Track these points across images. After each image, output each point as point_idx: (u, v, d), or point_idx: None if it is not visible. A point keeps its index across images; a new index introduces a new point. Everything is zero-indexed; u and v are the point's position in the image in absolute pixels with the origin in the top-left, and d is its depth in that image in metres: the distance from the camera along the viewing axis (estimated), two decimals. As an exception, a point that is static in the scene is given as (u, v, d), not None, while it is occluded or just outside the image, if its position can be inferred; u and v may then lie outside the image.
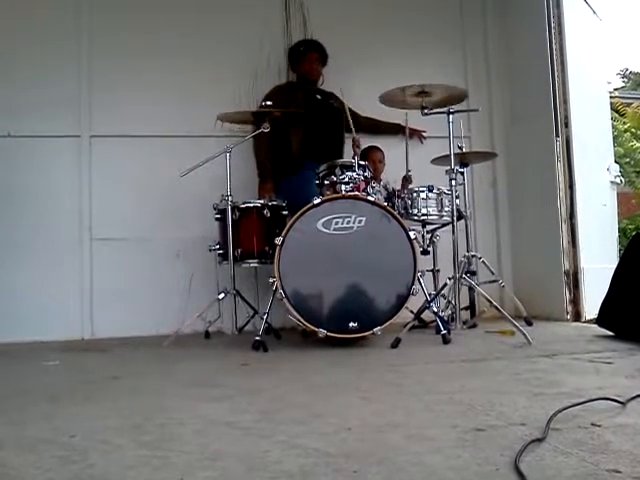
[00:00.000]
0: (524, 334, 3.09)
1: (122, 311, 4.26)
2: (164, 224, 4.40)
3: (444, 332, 3.20)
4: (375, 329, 3.13)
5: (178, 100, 4.50)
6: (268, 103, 3.78)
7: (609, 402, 1.77)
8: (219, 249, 3.78)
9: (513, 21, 4.89)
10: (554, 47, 4.36)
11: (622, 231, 6.99)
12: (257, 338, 3.22)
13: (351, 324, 3.16)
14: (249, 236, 3.74)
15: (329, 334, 3.13)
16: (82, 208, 4.36)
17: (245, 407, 1.99)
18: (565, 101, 4.34)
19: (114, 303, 4.28)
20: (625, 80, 19.47)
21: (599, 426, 1.57)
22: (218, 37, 4.59)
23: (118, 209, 4.39)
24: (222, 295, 3.70)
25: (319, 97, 4.44)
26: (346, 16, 4.80)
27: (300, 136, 4.22)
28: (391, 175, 4.32)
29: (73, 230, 4.34)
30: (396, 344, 3.13)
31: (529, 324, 3.86)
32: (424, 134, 4.77)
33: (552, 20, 4.38)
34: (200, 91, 4.50)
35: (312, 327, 3.16)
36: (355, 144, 4.14)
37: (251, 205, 3.80)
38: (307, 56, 4.46)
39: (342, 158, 4.21)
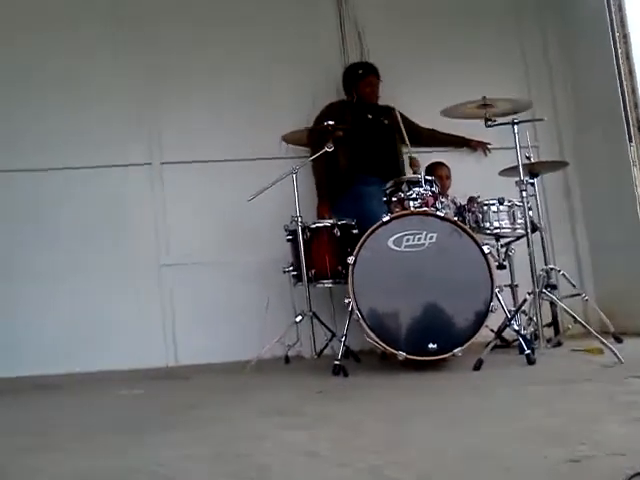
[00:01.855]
0: (614, 352, 2.94)
1: (203, 336, 4.31)
2: (237, 247, 4.44)
3: (528, 352, 3.07)
4: (455, 350, 3.06)
5: (243, 124, 4.58)
6: (330, 123, 3.78)
7: None
8: (293, 270, 3.79)
9: (574, 27, 4.78)
10: (619, 52, 4.25)
11: None
12: (336, 362, 3.19)
13: (430, 345, 3.09)
14: (321, 256, 3.73)
15: (408, 357, 3.07)
16: (158, 234, 4.47)
17: (326, 435, 1.96)
18: (636, 105, 4.21)
19: (195, 329, 4.34)
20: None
21: None
22: (276, 61, 4.66)
23: (192, 234, 4.47)
24: (299, 318, 3.70)
25: (370, 116, 4.42)
26: (402, 31, 4.80)
27: (348, 154, 4.21)
28: (458, 190, 4.24)
29: (150, 257, 4.44)
30: (479, 366, 3.03)
31: (618, 341, 3.64)
32: (489, 146, 4.68)
33: (615, 24, 4.27)
34: (263, 114, 4.57)
35: (391, 350, 3.11)
36: (413, 164, 4.09)
37: (321, 225, 3.80)
38: (366, 80, 4.45)
39: (400, 173, 4.20)
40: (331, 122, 3.78)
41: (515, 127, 3.46)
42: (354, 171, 4.24)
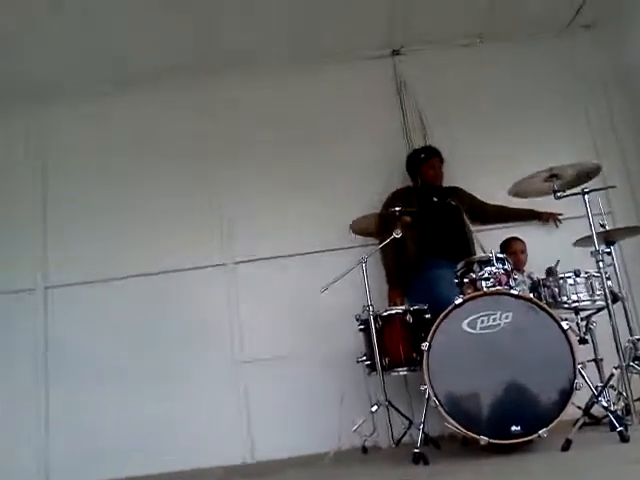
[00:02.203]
0: None
1: (280, 431, 4.31)
2: (310, 341, 4.46)
3: (620, 429, 2.90)
4: (540, 431, 2.92)
5: (309, 217, 4.70)
6: (397, 208, 3.82)
7: None
8: (366, 360, 3.77)
9: (638, 93, 4.71)
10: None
11: None
12: (416, 451, 3.10)
13: (513, 428, 2.96)
14: (395, 344, 3.69)
15: (491, 441, 2.95)
16: (232, 332, 4.57)
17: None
18: None
19: (271, 424, 4.35)
20: None
21: None
22: (342, 152, 4.81)
23: (265, 329, 4.54)
24: (375, 407, 3.63)
25: (436, 199, 4.46)
26: (462, 112, 4.88)
27: (416, 238, 4.22)
28: (533, 264, 4.17)
29: (225, 355, 4.52)
30: (567, 446, 2.88)
31: None
32: (559, 216, 4.61)
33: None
34: (331, 207, 4.68)
35: (472, 434, 3.00)
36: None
37: (393, 312, 3.77)
38: (429, 163, 4.53)
39: (470, 253, 4.17)
40: (398, 208, 3.82)
41: (586, 196, 3.42)
42: (423, 255, 4.24)
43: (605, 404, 3.11)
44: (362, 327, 3.81)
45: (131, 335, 4.57)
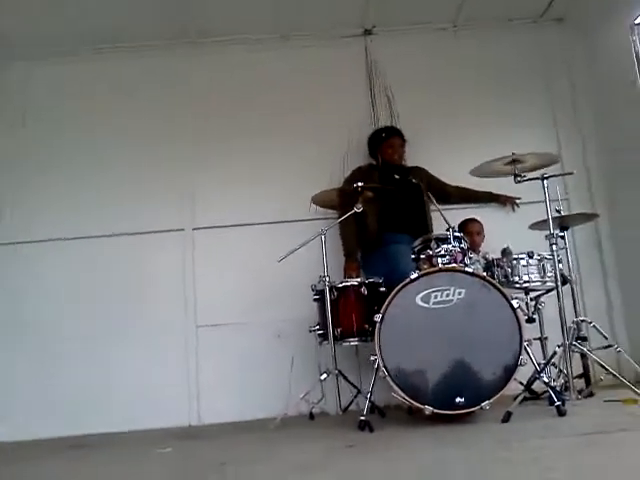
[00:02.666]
0: (648, 402, 2.88)
1: (227, 396, 4.36)
2: (264, 308, 4.50)
3: (558, 403, 3.01)
4: (483, 404, 3.02)
5: (271, 188, 4.71)
6: (360, 184, 3.84)
7: None
8: (319, 329, 3.81)
9: (602, 81, 4.79)
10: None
11: None
12: (362, 418, 3.16)
13: (458, 399, 3.05)
14: (348, 315, 3.74)
15: (435, 411, 3.04)
16: (186, 297, 4.58)
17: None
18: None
19: (219, 388, 4.38)
20: None
21: None
22: (308, 125, 4.80)
23: (220, 296, 4.55)
24: (324, 376, 3.68)
25: (397, 176, 4.50)
26: (431, 95, 4.91)
27: (376, 213, 4.27)
28: (489, 245, 4.27)
29: (178, 319, 4.54)
30: (507, 418, 2.98)
31: (653, 390, 3.58)
32: (518, 200, 4.70)
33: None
34: (293, 178, 4.70)
35: (417, 405, 3.08)
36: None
37: (348, 284, 3.82)
38: (389, 141, 4.57)
39: (429, 231, 4.22)
40: (360, 183, 3.85)
41: (545, 181, 3.50)
42: (383, 230, 4.30)
43: (546, 380, 3.21)
44: (317, 297, 3.84)
45: (85, 296, 4.56)
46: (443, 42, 5.08)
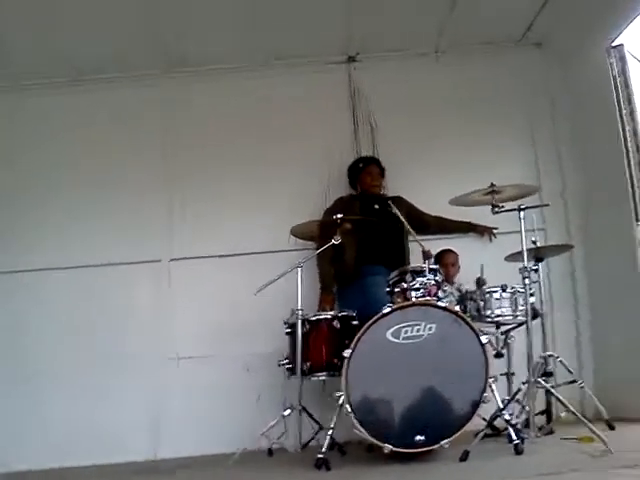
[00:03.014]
0: (603, 441, 2.87)
1: (191, 429, 4.38)
2: (236, 341, 4.51)
3: (517, 442, 3.01)
4: (442, 442, 3.03)
5: (253, 218, 4.76)
6: (339, 216, 3.86)
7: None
8: (287, 363, 3.80)
9: (582, 106, 4.81)
10: (627, 129, 4.27)
11: None
12: (320, 456, 3.15)
13: (418, 437, 3.06)
14: (318, 349, 3.75)
15: (394, 449, 3.05)
16: (160, 328, 4.60)
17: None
18: (644, 185, 4.17)
19: (183, 421, 4.40)
20: None
21: None
22: (289, 155, 4.85)
23: (194, 328, 4.58)
24: (288, 412, 3.69)
25: (377, 206, 4.52)
26: (412, 124, 4.94)
27: (355, 246, 4.29)
28: (465, 275, 4.28)
29: (149, 350, 4.55)
30: (465, 457, 2.99)
31: (611, 428, 3.57)
32: (495, 231, 4.73)
33: (622, 102, 4.32)
34: (272, 208, 4.75)
35: (377, 442, 3.09)
36: (426, 255, 4.14)
37: (321, 317, 3.83)
38: (366, 170, 4.62)
39: (405, 262, 4.23)
40: (340, 215, 3.87)
41: (521, 213, 3.53)
42: (361, 263, 4.31)
43: (507, 417, 3.19)
44: (289, 330, 3.85)
45: (58, 326, 4.59)
46: (425, 67, 5.13)
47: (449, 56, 5.14)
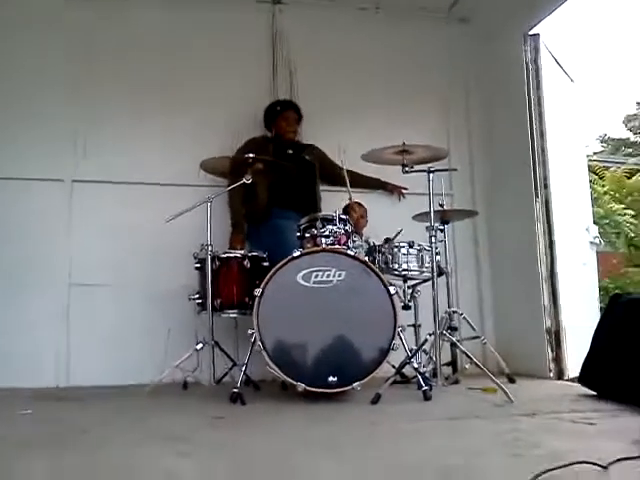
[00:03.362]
0: (505, 392, 3.05)
1: (100, 359, 4.16)
2: (143, 271, 4.34)
3: (425, 388, 3.14)
4: (355, 384, 3.09)
5: (162, 148, 4.54)
6: (251, 155, 3.76)
7: (590, 466, 1.74)
8: (198, 299, 3.74)
9: (494, 86, 4.98)
10: (533, 113, 4.48)
11: (604, 290, 7.02)
12: (235, 390, 3.14)
13: (330, 378, 3.11)
14: (229, 286, 3.70)
15: (308, 388, 3.08)
16: (62, 252, 4.31)
17: (215, 463, 1.95)
18: (544, 164, 4.42)
19: (92, 350, 4.18)
20: (604, 145, 19.95)
21: (581, 490, 1.53)
22: (206, 89, 4.65)
23: (97, 255, 4.33)
24: (200, 346, 3.63)
25: (291, 151, 4.48)
26: (332, 74, 4.88)
27: (267, 187, 4.24)
28: (373, 231, 4.33)
29: (51, 275, 4.27)
30: (376, 400, 3.07)
31: (512, 381, 3.82)
32: (404, 191, 4.81)
33: (531, 87, 4.51)
34: (184, 141, 4.53)
35: (291, 380, 3.11)
36: (351, 207, 4.13)
37: (232, 255, 3.78)
38: (283, 115, 4.53)
39: (317, 209, 4.25)
40: (252, 155, 3.76)
41: (430, 175, 3.58)
42: (273, 204, 4.27)
43: (416, 365, 3.35)
44: (198, 265, 3.77)
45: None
46: (351, 23, 5.05)
47: (386, 15, 5.11)
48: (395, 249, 3.80)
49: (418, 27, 5.14)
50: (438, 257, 3.65)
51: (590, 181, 7.02)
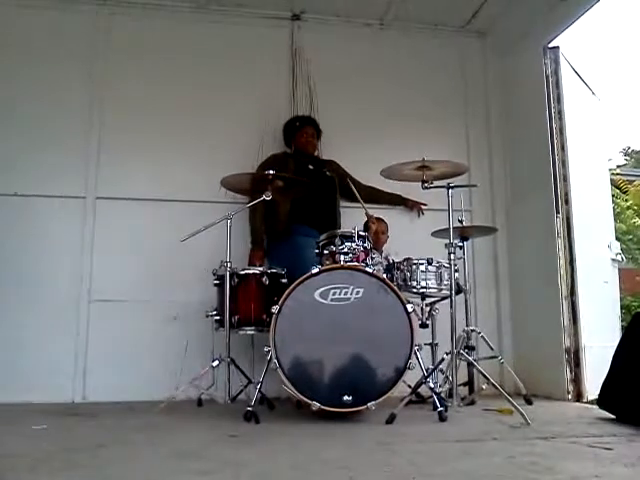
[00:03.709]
0: (522, 414, 3.01)
1: (117, 375, 4.20)
2: (162, 288, 4.39)
3: (440, 409, 3.12)
4: (369, 404, 3.08)
5: (183, 165, 4.59)
6: (271, 172, 3.77)
7: (605, 492, 1.71)
8: (216, 315, 3.76)
9: (514, 99, 4.98)
10: (554, 126, 4.42)
11: (626, 308, 6.93)
12: (249, 408, 3.15)
13: (345, 398, 3.10)
14: (247, 303, 3.72)
15: (322, 407, 3.07)
16: (82, 269, 4.36)
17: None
18: (565, 179, 4.37)
19: (109, 366, 4.23)
20: (627, 158, 19.71)
21: (594, 518, 1.51)
22: (227, 105, 4.69)
23: (117, 271, 4.39)
24: (216, 363, 3.64)
25: (311, 166, 4.50)
26: (351, 90, 4.92)
27: (288, 204, 4.26)
28: (390, 248, 4.33)
29: (71, 291, 4.32)
30: (391, 420, 3.05)
31: (529, 403, 3.77)
32: (423, 207, 4.81)
33: (552, 100, 4.46)
34: (205, 158, 4.59)
35: (306, 399, 3.11)
36: (371, 221, 4.13)
37: (250, 272, 3.79)
38: (303, 130, 4.57)
39: (336, 226, 4.25)
40: (272, 171, 3.77)
41: (450, 191, 3.57)
42: (293, 221, 4.28)
43: (432, 385, 3.32)
44: (217, 282, 3.79)
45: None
46: (369, 38, 5.10)
47: (394, 30, 5.14)
48: (414, 266, 3.79)
49: (435, 42, 5.18)
50: (457, 274, 3.64)
51: (612, 195, 6.94)
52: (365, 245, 3.55)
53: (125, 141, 4.56)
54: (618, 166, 14.86)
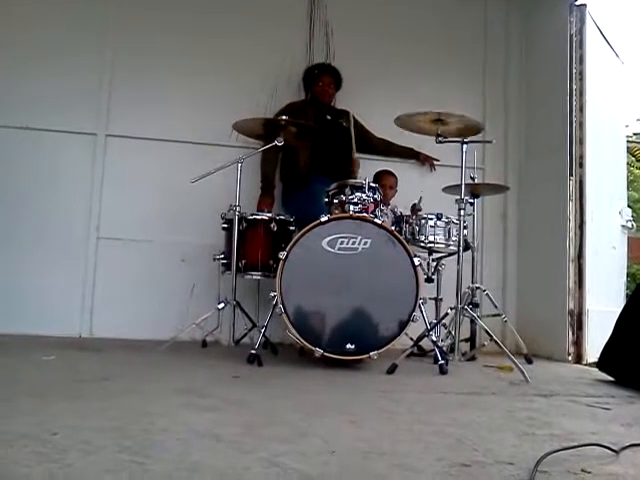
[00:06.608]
0: (522, 372, 3.04)
1: (123, 312, 4.25)
2: (171, 228, 4.40)
3: (442, 362, 3.15)
4: (372, 353, 3.11)
5: (196, 107, 4.54)
6: (284, 117, 3.74)
7: (602, 449, 1.73)
8: (223, 259, 3.78)
9: (535, 58, 4.88)
10: (574, 88, 4.34)
11: (632, 276, 6.93)
12: (252, 351, 3.18)
13: (348, 346, 3.13)
14: (254, 248, 3.73)
15: (325, 354, 3.11)
16: (91, 206, 4.37)
17: (231, 420, 1.97)
18: (581, 142, 4.31)
19: (115, 303, 4.28)
20: (644, 126, 19.38)
21: (589, 472, 1.53)
22: (241, 49, 4.61)
23: (127, 210, 4.40)
24: (222, 305, 3.67)
25: (329, 117, 4.46)
26: (370, 38, 4.82)
27: (308, 153, 4.24)
28: (401, 201, 4.30)
29: (80, 228, 4.35)
30: (392, 370, 3.10)
31: (529, 362, 3.79)
32: (436, 162, 4.76)
33: (574, 61, 4.37)
34: (218, 100, 4.52)
35: (309, 345, 3.14)
36: (414, 210, 4.08)
37: (259, 217, 3.79)
38: (321, 79, 4.50)
39: (351, 177, 4.19)
40: (284, 117, 3.72)
41: (464, 147, 3.53)
42: (313, 171, 4.26)
43: (434, 339, 3.35)
44: (225, 226, 3.79)
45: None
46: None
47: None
48: (422, 220, 3.78)
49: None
50: (465, 231, 3.63)
51: (627, 163, 6.87)
52: (375, 197, 3.53)
53: (138, 80, 4.51)
54: (635, 134, 14.64)
